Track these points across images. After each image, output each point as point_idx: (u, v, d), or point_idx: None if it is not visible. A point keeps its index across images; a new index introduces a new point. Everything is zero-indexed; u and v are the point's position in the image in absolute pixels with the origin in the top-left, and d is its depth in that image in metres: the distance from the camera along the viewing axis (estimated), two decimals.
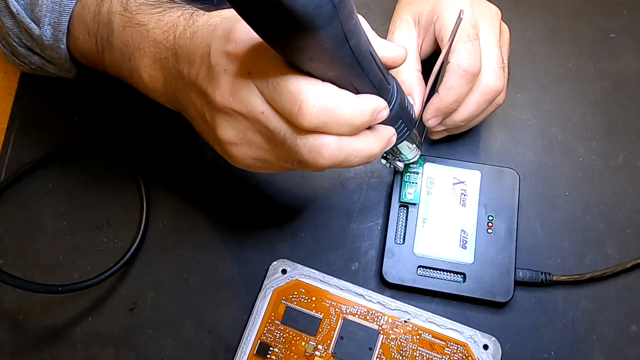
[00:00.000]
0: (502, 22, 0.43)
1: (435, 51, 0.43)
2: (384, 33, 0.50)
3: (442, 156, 0.45)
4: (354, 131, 0.29)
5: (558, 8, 0.52)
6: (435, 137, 0.45)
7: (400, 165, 0.42)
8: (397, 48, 0.31)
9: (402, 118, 0.32)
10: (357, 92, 0.29)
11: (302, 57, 0.26)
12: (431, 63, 0.40)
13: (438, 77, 0.39)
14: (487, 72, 0.40)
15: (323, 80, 0.28)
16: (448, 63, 0.39)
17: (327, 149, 0.28)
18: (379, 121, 0.30)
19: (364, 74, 0.28)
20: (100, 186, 0.46)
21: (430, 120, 0.41)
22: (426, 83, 0.40)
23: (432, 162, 0.44)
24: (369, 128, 0.30)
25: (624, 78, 0.49)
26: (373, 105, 0.29)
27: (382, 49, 0.30)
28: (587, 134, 0.47)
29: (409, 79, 0.41)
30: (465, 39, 0.39)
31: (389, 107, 0.31)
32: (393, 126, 0.32)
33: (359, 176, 0.46)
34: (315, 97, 0.27)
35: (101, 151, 0.47)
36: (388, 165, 0.41)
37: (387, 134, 0.31)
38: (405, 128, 0.34)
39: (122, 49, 0.35)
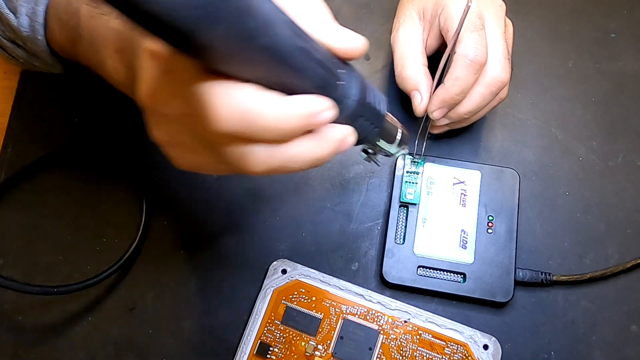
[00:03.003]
0: (506, 17, 0.43)
1: (439, 50, 0.43)
2: (384, 33, 0.51)
3: (442, 156, 0.45)
4: (284, 137, 0.25)
5: (558, 8, 0.52)
6: (437, 131, 0.44)
7: (383, 159, 0.37)
8: (351, 38, 0.27)
9: (363, 115, 0.29)
10: (292, 93, 0.25)
11: (205, 60, 0.23)
12: (436, 60, 0.40)
13: (444, 70, 0.39)
14: (492, 63, 0.40)
15: (247, 82, 0.24)
16: (454, 53, 0.39)
17: (255, 157, 0.26)
18: (322, 123, 0.26)
19: (294, 71, 0.24)
20: (100, 186, 0.46)
21: (435, 112, 0.41)
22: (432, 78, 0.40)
23: (432, 162, 0.44)
24: (314, 130, 0.27)
25: (624, 78, 0.49)
26: (304, 108, 0.25)
27: (331, 39, 0.26)
28: (587, 134, 0.47)
29: (415, 73, 0.41)
30: (471, 29, 0.38)
31: (342, 104, 0.27)
32: (352, 125, 0.29)
33: (359, 176, 0.46)
34: (228, 101, 0.24)
35: (101, 151, 0.47)
36: (368, 160, 0.37)
37: (335, 136, 0.28)
38: (372, 125, 0.30)
39: (90, 41, 0.34)
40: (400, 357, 0.39)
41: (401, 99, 0.48)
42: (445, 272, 0.41)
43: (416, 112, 0.42)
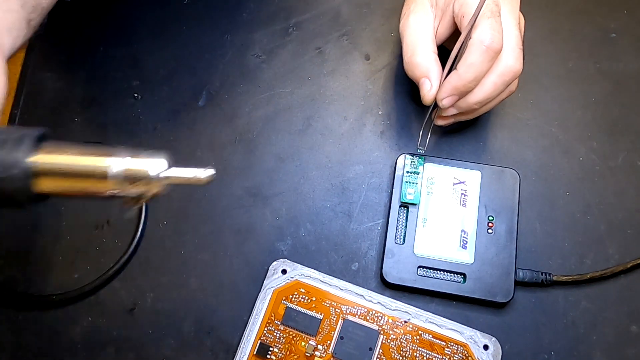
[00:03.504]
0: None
1: (443, 46, 0.43)
2: (384, 33, 0.51)
3: (443, 156, 0.45)
4: None
5: (558, 8, 0.52)
6: (442, 122, 0.44)
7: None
8: None
9: None
10: None
11: None
12: (442, 52, 0.40)
13: (457, 57, 0.38)
14: (506, 52, 0.39)
15: None
16: (470, 39, 0.38)
17: None
18: None
19: None
20: None
21: (445, 100, 0.40)
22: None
23: (433, 162, 0.44)
24: None
25: (624, 78, 0.49)
26: None
27: None
28: (588, 134, 0.47)
29: (425, 60, 0.40)
30: (488, 15, 0.38)
31: None
32: None
33: (359, 176, 0.46)
34: None
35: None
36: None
37: None
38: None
39: None
40: (401, 358, 0.39)
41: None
42: (445, 273, 0.41)
43: (424, 100, 0.41)
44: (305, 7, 0.52)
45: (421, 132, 0.44)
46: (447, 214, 0.43)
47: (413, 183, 0.43)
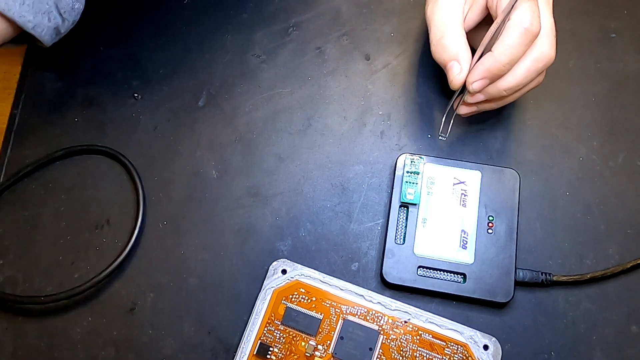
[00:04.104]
0: None
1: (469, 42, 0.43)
2: (384, 33, 0.51)
3: (443, 156, 0.45)
4: None
5: (558, 8, 0.51)
6: (464, 111, 0.43)
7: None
8: None
9: None
10: None
11: None
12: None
13: (490, 41, 0.38)
14: (541, 38, 0.39)
15: None
16: (508, 20, 0.38)
17: None
18: None
19: None
20: (100, 186, 0.46)
21: (476, 83, 0.39)
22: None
23: (433, 162, 0.44)
24: None
25: (624, 78, 0.49)
26: None
27: None
28: (588, 134, 0.47)
29: (455, 43, 0.40)
30: None
31: None
32: None
33: (359, 176, 0.46)
34: None
35: (101, 151, 0.47)
36: None
37: None
38: None
39: None
40: (401, 358, 0.39)
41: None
42: (445, 273, 0.41)
43: (452, 83, 0.40)
44: (305, 7, 0.52)
45: (443, 119, 0.43)
46: (447, 214, 0.43)
47: (413, 183, 0.43)
